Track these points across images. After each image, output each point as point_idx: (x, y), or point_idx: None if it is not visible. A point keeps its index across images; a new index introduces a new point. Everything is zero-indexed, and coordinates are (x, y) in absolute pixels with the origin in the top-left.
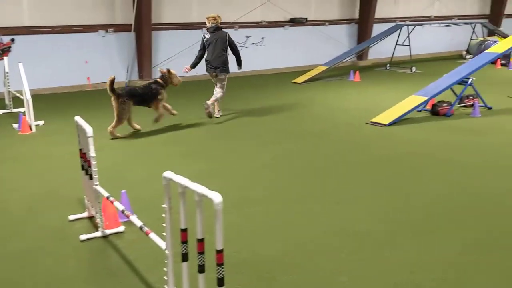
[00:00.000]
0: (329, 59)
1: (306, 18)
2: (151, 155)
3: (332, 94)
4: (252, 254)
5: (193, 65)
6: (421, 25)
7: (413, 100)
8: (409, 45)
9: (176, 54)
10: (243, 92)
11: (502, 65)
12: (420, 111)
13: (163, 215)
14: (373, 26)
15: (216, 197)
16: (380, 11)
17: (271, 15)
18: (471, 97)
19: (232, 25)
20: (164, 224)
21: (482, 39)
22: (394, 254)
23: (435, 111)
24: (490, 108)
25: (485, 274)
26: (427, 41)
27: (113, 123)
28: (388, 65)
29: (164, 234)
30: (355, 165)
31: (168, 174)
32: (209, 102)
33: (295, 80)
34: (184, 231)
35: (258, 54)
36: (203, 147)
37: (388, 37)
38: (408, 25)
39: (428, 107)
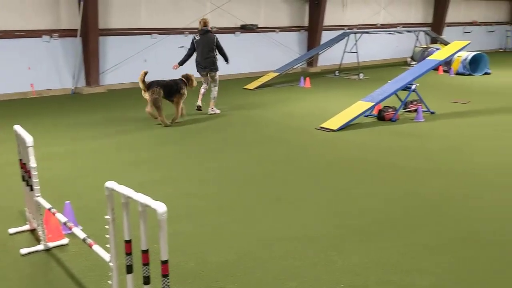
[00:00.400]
0: (280, 65)
1: (257, 25)
2: (99, 163)
3: (283, 100)
4: (200, 263)
5: (182, 62)
6: (367, 32)
7: (360, 106)
8: (356, 52)
9: (125, 60)
10: (195, 98)
11: (444, 71)
12: (367, 116)
13: (106, 227)
14: (322, 33)
15: (160, 207)
16: (329, 19)
17: (222, 21)
18: (415, 103)
19: (182, 31)
20: (107, 236)
21: (425, 46)
22: (341, 257)
23: (381, 116)
24: (433, 113)
25: (428, 276)
26: (374, 48)
27: (157, 114)
28: (337, 71)
29: (108, 246)
30: (303, 171)
31: (110, 184)
32: (209, 108)
33: (246, 86)
34: (128, 242)
35: None
36: (153, 154)
37: (336, 44)
38: (355, 33)
39: (375, 112)
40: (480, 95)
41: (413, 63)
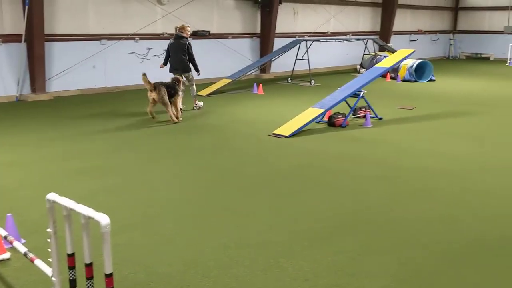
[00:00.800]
0: (233, 72)
1: (209, 31)
2: (45, 172)
3: (236, 106)
4: (150, 274)
5: (165, 63)
6: (318, 40)
7: (311, 112)
8: (308, 60)
9: (72, 66)
10: (146, 104)
11: (391, 78)
12: (318, 122)
13: (48, 240)
14: (274, 40)
15: (103, 219)
16: (281, 26)
17: (173, 27)
18: (363, 109)
19: (133, 36)
20: (49, 250)
21: (373, 54)
22: (291, 263)
23: (332, 123)
24: (380, 119)
25: (376, 279)
26: (324, 55)
27: (168, 110)
28: (289, 78)
29: (51, 260)
30: (255, 177)
31: (51, 196)
32: (194, 105)
33: (199, 93)
34: (71, 256)
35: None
36: (102, 162)
37: (288, 51)
38: (306, 40)
39: (325, 118)
40: (425, 101)
41: (362, 70)
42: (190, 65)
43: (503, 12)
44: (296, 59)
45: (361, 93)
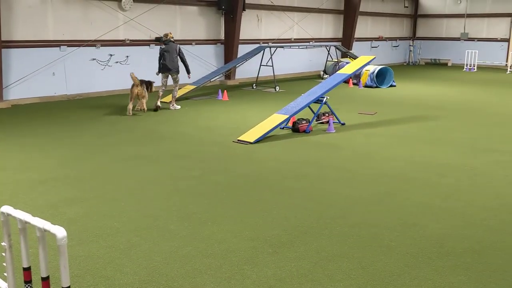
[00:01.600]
0: (197, 78)
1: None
2: (3, 183)
3: (200, 113)
4: (111, 286)
5: (158, 69)
6: (282, 47)
7: (276, 118)
8: (272, 66)
9: (31, 73)
10: (108, 111)
11: (354, 84)
12: (283, 128)
13: (3, 254)
14: (239, 46)
15: (59, 232)
16: (245, 33)
17: (135, 33)
18: (326, 114)
19: (94, 43)
20: (4, 264)
21: (336, 60)
22: (255, 271)
23: (296, 128)
24: (343, 124)
25: (339, 283)
26: (289, 62)
27: (144, 101)
28: (254, 84)
29: (6, 274)
30: (219, 185)
31: (5, 209)
32: (170, 105)
33: (163, 99)
34: (27, 270)
35: (123, 72)
36: (61, 172)
37: (253, 57)
38: (270, 47)
39: (290, 124)
40: (386, 106)
41: (326, 76)
42: (181, 67)
43: (460, 20)
44: (260, 65)
45: (324, 99)
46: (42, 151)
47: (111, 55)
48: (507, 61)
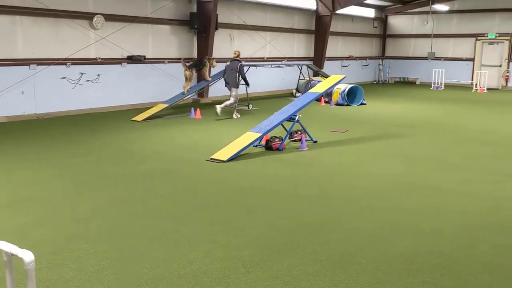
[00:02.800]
0: (170, 96)
1: (144, 56)
2: None
3: (173, 131)
4: None
5: (225, 83)
6: (255, 65)
7: (249, 137)
8: (245, 84)
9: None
10: (78, 130)
11: (325, 102)
12: (256, 146)
13: None
14: None
15: (27, 256)
16: (217, 52)
17: (107, 52)
18: (299, 132)
19: (64, 61)
20: None
21: (308, 79)
22: None
23: (269, 146)
24: (315, 142)
25: None
26: (261, 80)
27: (187, 84)
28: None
29: None
30: (190, 204)
31: None
32: (221, 105)
33: (135, 118)
34: None
35: (95, 91)
36: (29, 193)
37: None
38: (243, 65)
39: (263, 142)
40: (357, 124)
41: (298, 94)
42: (241, 81)
43: (427, 40)
44: None
45: (297, 117)
46: (8, 172)
47: (82, 73)
48: (472, 80)
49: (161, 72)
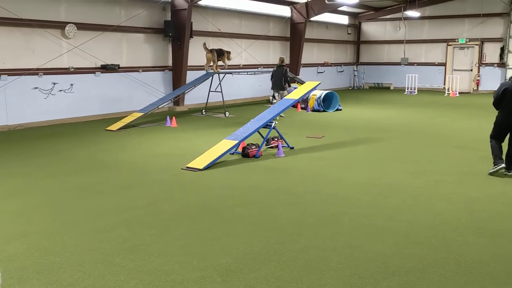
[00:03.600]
0: (145, 105)
1: (118, 65)
2: None
3: (148, 140)
4: None
5: (272, 86)
6: (230, 73)
7: (225, 144)
8: (221, 92)
9: None
10: (50, 141)
11: (302, 108)
12: (233, 154)
13: None
14: (187, 73)
15: None
16: (193, 59)
17: (80, 61)
18: (276, 139)
19: (36, 71)
20: None
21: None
22: None
23: (246, 154)
24: (292, 148)
25: None
26: (238, 87)
27: (214, 65)
28: (203, 110)
29: None
30: (166, 214)
31: None
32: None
33: (109, 128)
34: None
35: (68, 101)
36: None
37: (201, 83)
38: (218, 73)
39: (239, 149)
40: (333, 129)
41: (275, 101)
42: (286, 85)
43: (399, 45)
44: (209, 91)
45: (273, 124)
46: None
47: (54, 83)
48: (444, 84)
49: (135, 81)
